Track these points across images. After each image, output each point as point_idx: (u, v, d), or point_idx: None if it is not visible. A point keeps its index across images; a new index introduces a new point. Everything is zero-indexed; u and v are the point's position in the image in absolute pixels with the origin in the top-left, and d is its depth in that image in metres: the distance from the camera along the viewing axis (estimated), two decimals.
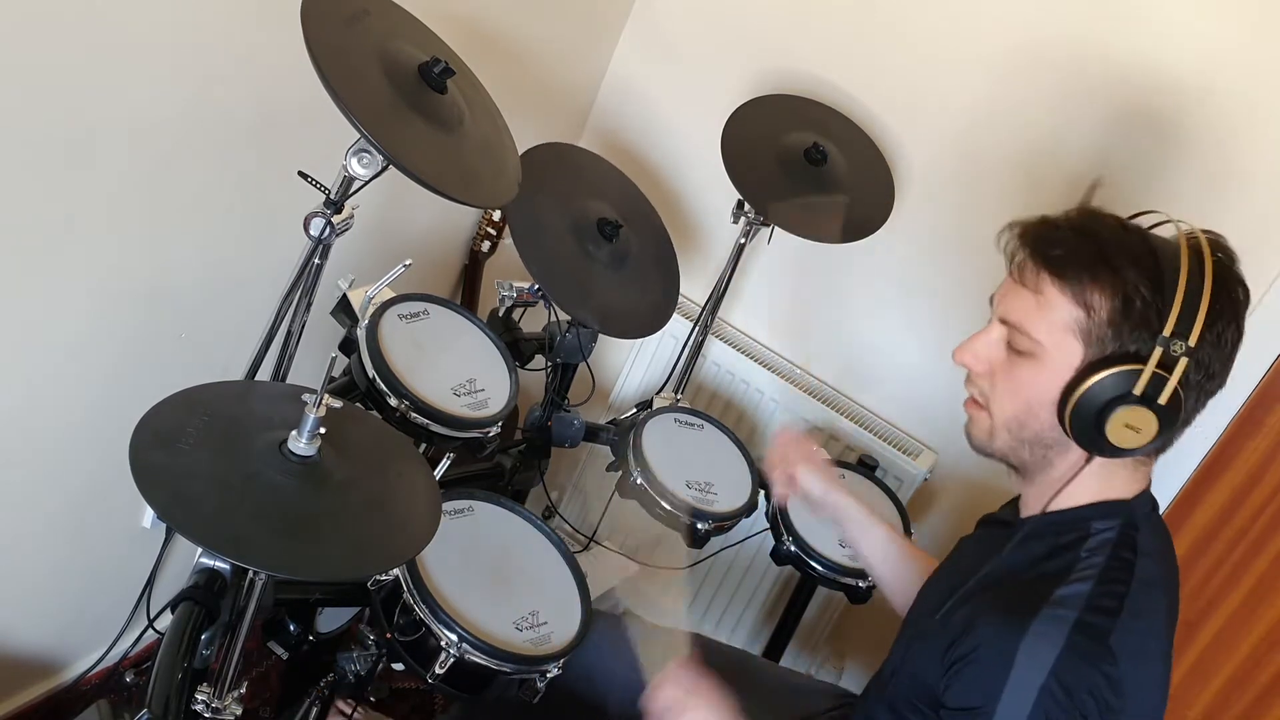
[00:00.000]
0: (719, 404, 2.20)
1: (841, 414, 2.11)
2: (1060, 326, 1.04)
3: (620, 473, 1.71)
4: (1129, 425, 1.02)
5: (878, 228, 1.83)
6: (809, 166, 1.79)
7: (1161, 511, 1.90)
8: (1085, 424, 1.04)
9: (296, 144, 1.50)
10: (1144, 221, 1.10)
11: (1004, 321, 1.10)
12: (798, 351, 2.21)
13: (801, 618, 2.02)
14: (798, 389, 2.13)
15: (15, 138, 1.17)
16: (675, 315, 1.75)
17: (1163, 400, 1.00)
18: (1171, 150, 1.79)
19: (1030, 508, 1.15)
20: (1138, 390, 1.01)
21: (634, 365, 2.29)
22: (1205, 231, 1.06)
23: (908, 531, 1.80)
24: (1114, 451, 1.04)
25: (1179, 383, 1.00)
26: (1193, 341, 0.99)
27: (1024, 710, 0.97)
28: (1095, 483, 1.10)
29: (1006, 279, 1.12)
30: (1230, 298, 1.03)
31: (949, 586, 1.14)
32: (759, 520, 1.76)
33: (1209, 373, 1.03)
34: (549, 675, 1.30)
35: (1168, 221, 1.09)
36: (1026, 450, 1.11)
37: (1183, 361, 0.99)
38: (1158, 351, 1.00)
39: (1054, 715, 0.97)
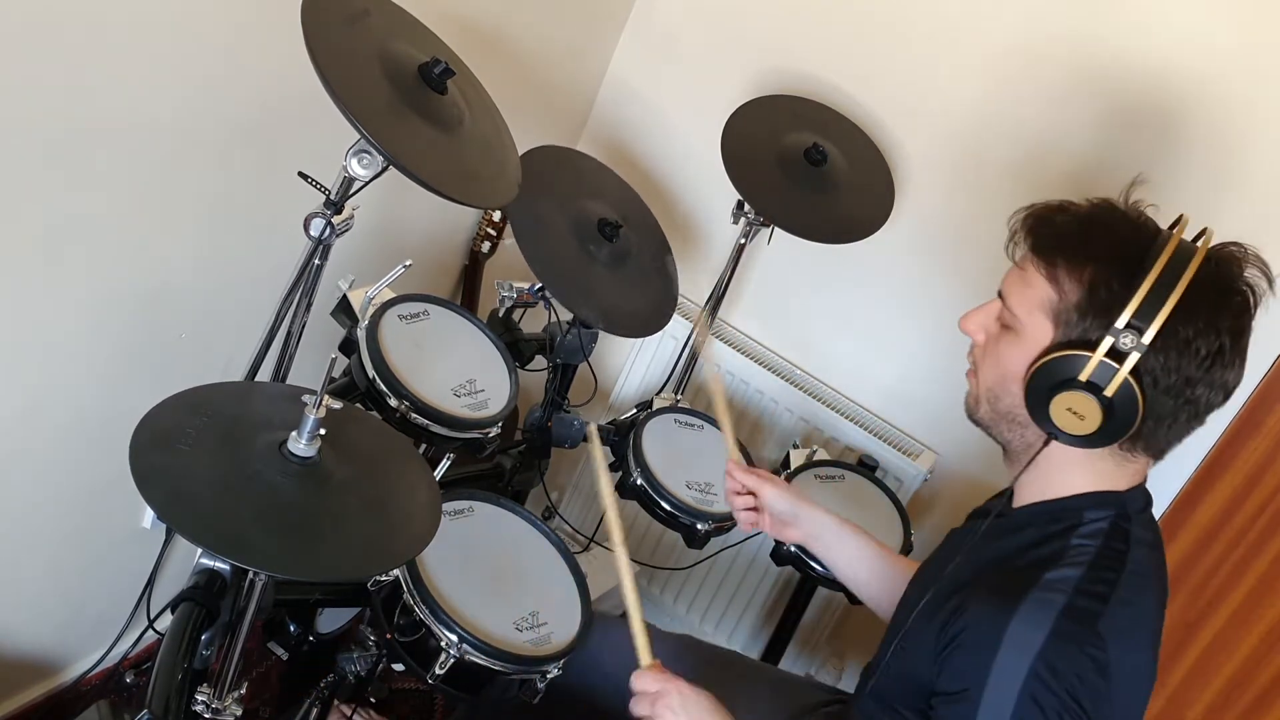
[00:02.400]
0: None
1: (841, 414, 2.11)
2: (1036, 304, 1.07)
3: (620, 473, 1.71)
4: (1071, 409, 1.03)
5: (878, 228, 1.83)
6: (809, 166, 1.79)
7: (1161, 512, 1.94)
8: (1036, 401, 1.05)
9: (296, 144, 1.50)
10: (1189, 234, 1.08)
11: (999, 295, 1.13)
12: (798, 351, 2.21)
13: (801, 618, 2.02)
14: (798, 389, 2.13)
15: (15, 138, 1.17)
16: (675, 315, 1.74)
17: (1109, 391, 1.01)
18: (1171, 150, 1.79)
19: (1023, 498, 1.16)
20: (1083, 376, 1.01)
21: (634, 366, 2.29)
22: (1235, 244, 1.05)
23: (908, 532, 1.80)
24: (1056, 432, 1.05)
25: (1137, 379, 1.00)
26: (1148, 338, 0.99)
27: (1011, 693, 0.97)
28: (1087, 474, 1.10)
29: None
30: (1215, 305, 1.02)
31: (937, 577, 1.14)
32: None
33: (1185, 378, 1.02)
34: (549, 675, 1.30)
35: (1205, 233, 1.07)
36: (1004, 426, 1.13)
37: (1133, 355, 1.00)
38: (1107, 341, 1.00)
39: (1040, 697, 0.97)
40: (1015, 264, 1.11)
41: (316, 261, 1.27)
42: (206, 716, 1.13)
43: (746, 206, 1.81)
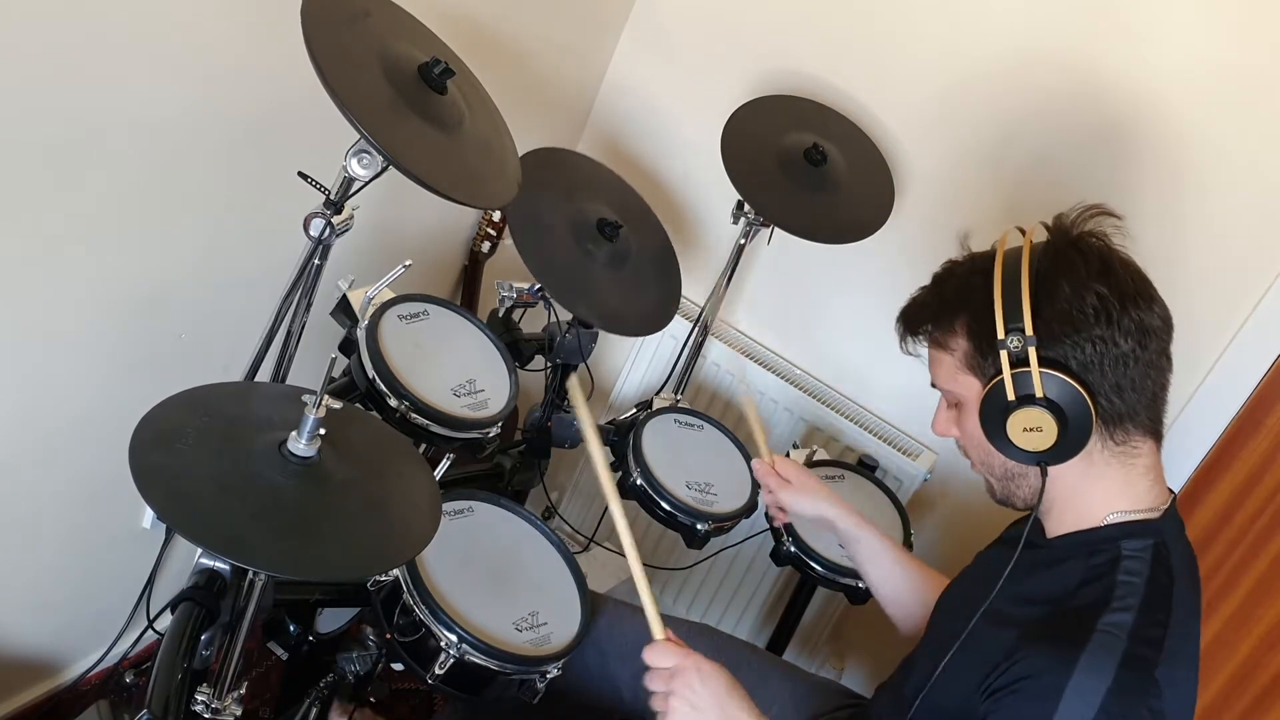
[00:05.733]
0: (719, 404, 2.20)
1: (841, 414, 2.11)
2: (953, 372, 1.12)
3: (620, 473, 1.71)
4: (1027, 428, 1.05)
5: (878, 228, 1.83)
6: (809, 167, 1.79)
7: None
8: (1004, 445, 1.08)
9: (296, 144, 1.50)
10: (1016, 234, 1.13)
11: (934, 387, 1.19)
12: (798, 352, 2.21)
13: (801, 618, 2.02)
14: (798, 389, 2.13)
15: (15, 137, 1.17)
16: (675, 315, 1.74)
17: (1039, 392, 1.03)
18: (1170, 155, 1.79)
19: (1055, 528, 1.15)
20: (1011, 396, 1.04)
21: (634, 366, 2.29)
22: (1057, 215, 1.10)
23: (907, 532, 1.80)
24: (1039, 458, 1.07)
25: (1058, 367, 1.02)
26: (1029, 329, 1.02)
27: None
28: (1106, 487, 1.10)
29: None
30: (1065, 269, 1.05)
31: (974, 604, 1.12)
32: (759, 520, 1.76)
33: (1096, 339, 1.03)
34: (549, 675, 1.30)
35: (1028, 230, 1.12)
36: (1014, 486, 1.15)
37: (1030, 349, 1.02)
38: (1004, 355, 1.04)
39: None
40: (918, 357, 1.18)
41: (316, 261, 1.27)
42: (206, 716, 1.13)
43: (746, 206, 1.81)
